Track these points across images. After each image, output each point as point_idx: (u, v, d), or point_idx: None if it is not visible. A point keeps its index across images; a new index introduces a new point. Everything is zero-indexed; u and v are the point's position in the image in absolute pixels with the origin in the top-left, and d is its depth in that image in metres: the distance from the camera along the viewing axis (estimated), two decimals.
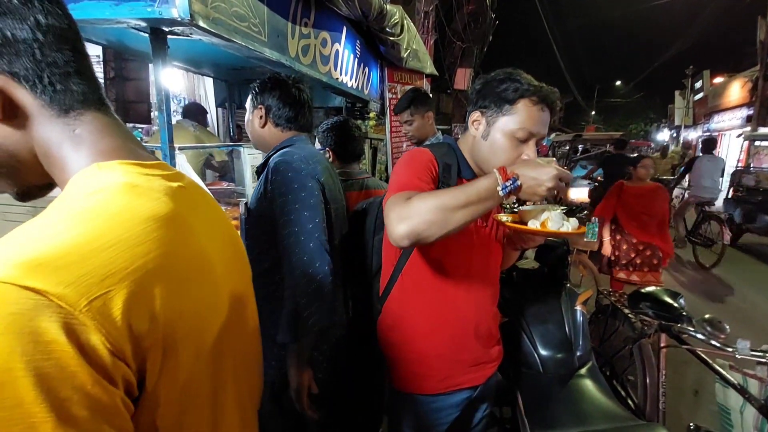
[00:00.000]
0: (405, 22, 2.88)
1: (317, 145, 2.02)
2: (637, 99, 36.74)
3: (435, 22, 7.54)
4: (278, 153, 1.24)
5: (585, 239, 3.60)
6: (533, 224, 0.98)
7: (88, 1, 1.02)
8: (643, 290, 2.18)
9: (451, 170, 1.07)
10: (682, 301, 2.00)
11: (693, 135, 9.86)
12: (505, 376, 1.62)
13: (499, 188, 0.88)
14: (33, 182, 0.49)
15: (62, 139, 0.45)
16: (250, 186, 1.89)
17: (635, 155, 5.16)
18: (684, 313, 1.88)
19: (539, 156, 1.01)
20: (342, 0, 1.80)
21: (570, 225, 0.96)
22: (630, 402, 2.05)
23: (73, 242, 0.36)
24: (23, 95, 0.43)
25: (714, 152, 6.57)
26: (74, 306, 0.33)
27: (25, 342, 0.31)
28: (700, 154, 6.51)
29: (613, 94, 41.58)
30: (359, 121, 3.38)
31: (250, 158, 1.79)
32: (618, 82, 42.30)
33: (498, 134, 1.01)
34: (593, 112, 39.99)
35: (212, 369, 0.49)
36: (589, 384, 1.52)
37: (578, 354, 1.63)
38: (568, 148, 10.51)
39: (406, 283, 1.13)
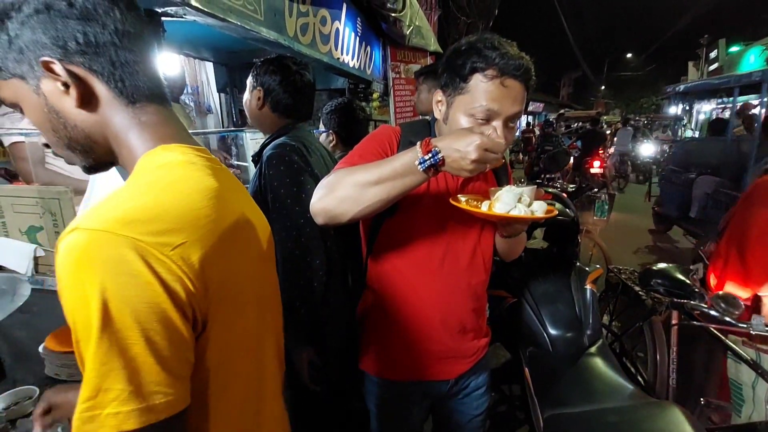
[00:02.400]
0: None
1: (321, 127, 1.98)
2: (648, 71, 35.68)
3: None
4: (272, 144, 1.23)
5: (594, 217, 3.53)
6: (485, 206, 0.85)
7: None
8: (654, 267, 2.15)
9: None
10: (694, 277, 1.97)
11: (707, 107, 9.73)
12: (514, 355, 1.63)
13: (417, 163, 0.77)
14: (101, 159, 0.57)
15: (131, 125, 0.53)
16: (253, 170, 1.88)
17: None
18: (696, 290, 1.85)
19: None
20: None
21: (524, 208, 0.82)
22: (640, 379, 2.05)
23: (153, 203, 0.45)
24: (100, 87, 0.51)
25: None
26: (161, 251, 0.42)
27: (123, 279, 0.40)
28: None
29: (624, 67, 40.41)
30: (363, 103, 3.33)
31: (252, 143, 1.76)
32: (629, 55, 41.06)
33: (456, 115, 0.90)
34: (603, 87, 39.03)
35: (258, 319, 0.59)
36: (598, 362, 1.52)
37: (588, 333, 1.62)
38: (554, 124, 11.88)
39: (372, 270, 1.07)
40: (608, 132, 11.51)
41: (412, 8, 2.96)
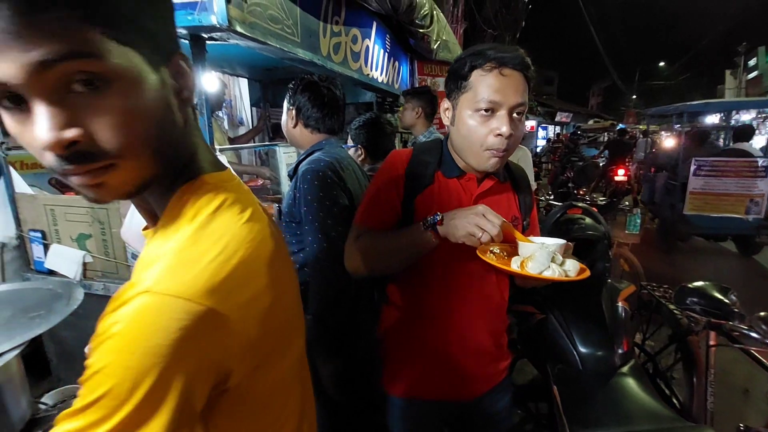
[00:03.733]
0: (435, 12, 2.83)
1: (349, 142, 2.04)
2: (682, 80, 34.48)
3: (465, 10, 7.37)
4: (307, 160, 1.28)
5: (626, 231, 3.42)
6: (515, 263, 0.85)
7: None
8: (690, 285, 2.07)
9: (427, 168, 1.00)
10: (733, 296, 1.89)
11: (746, 117, 9.51)
12: (542, 372, 1.60)
13: (420, 224, 0.87)
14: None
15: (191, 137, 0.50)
16: (285, 183, 1.94)
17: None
18: (736, 310, 1.77)
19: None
20: None
21: (558, 268, 0.81)
22: (675, 402, 1.97)
23: (221, 269, 0.42)
24: None
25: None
26: (232, 324, 0.41)
27: (188, 361, 0.38)
28: None
29: (656, 76, 39.21)
30: (389, 115, 3.39)
31: (285, 156, 1.83)
32: (661, 63, 39.84)
33: (462, 114, 0.93)
34: (634, 96, 37.95)
35: (298, 367, 0.58)
36: (631, 382, 1.47)
37: (620, 352, 1.58)
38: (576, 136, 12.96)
39: (393, 288, 1.10)
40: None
41: (440, 23, 3.01)
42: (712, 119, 7.95)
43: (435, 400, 1.09)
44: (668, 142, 6.60)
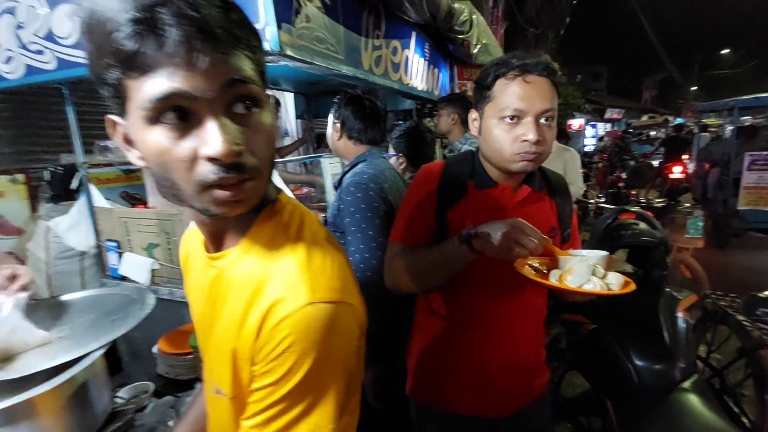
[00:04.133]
0: (474, 17, 2.82)
1: (390, 151, 2.08)
2: (750, 68, 31.51)
3: (505, 10, 7.23)
4: (351, 172, 1.34)
5: (687, 235, 3.20)
6: (554, 276, 0.82)
7: None
8: (761, 294, 1.91)
9: (459, 180, 1.00)
10: None
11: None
12: (593, 385, 1.54)
13: (456, 239, 0.86)
14: None
15: None
16: (330, 193, 2.02)
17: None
18: None
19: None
20: (410, 6, 1.84)
21: (600, 281, 0.77)
22: (745, 421, 1.81)
23: (340, 273, 0.53)
24: None
25: None
26: (359, 310, 0.53)
27: (352, 345, 0.52)
28: None
29: (719, 65, 36.13)
30: (428, 119, 3.41)
31: (329, 167, 1.91)
32: (724, 51, 36.67)
33: (488, 123, 0.94)
34: (694, 88, 35.21)
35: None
36: (693, 399, 1.39)
37: (680, 365, 1.49)
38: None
39: (429, 294, 1.08)
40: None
41: (479, 27, 2.99)
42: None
43: (471, 415, 1.05)
44: (720, 137, 6.46)
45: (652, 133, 14.45)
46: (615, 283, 0.79)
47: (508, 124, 0.90)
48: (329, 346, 0.48)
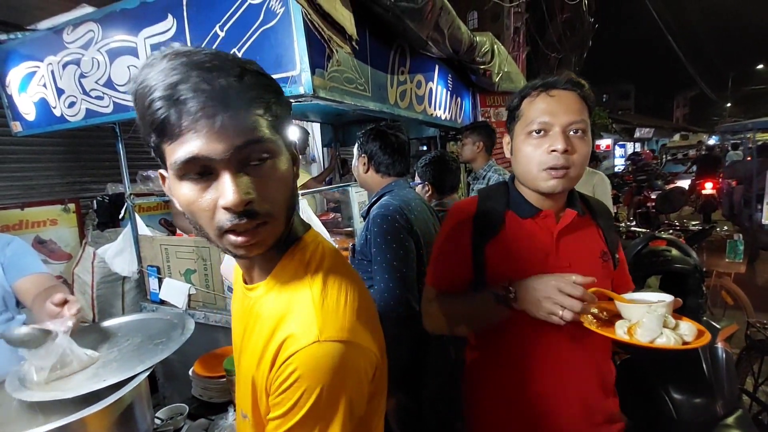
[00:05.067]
0: (495, 47, 2.90)
1: (416, 179, 2.14)
2: None
3: (526, 36, 7.34)
4: (378, 204, 1.39)
5: (727, 260, 3.06)
6: (620, 329, 0.76)
7: None
8: None
9: (493, 212, 0.97)
10: None
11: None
12: (630, 418, 1.48)
13: (491, 295, 0.85)
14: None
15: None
16: (357, 220, 2.08)
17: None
18: None
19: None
20: (434, 44, 1.93)
21: (673, 334, 0.71)
22: None
23: (349, 307, 0.56)
24: None
25: None
26: (373, 354, 0.55)
27: (359, 388, 0.53)
28: None
29: (755, 80, 34.84)
30: (451, 143, 3.46)
31: (357, 196, 1.98)
32: (760, 66, 35.41)
33: (518, 141, 0.94)
34: (728, 104, 33.99)
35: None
36: None
37: (722, 399, 1.42)
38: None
39: (472, 340, 1.03)
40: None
41: (500, 56, 3.06)
42: None
43: None
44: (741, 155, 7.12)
45: (691, 152, 14.25)
46: (689, 334, 0.73)
47: (535, 138, 0.90)
48: (334, 384, 0.50)
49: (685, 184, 7.93)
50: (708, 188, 7.10)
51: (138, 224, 2.00)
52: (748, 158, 6.06)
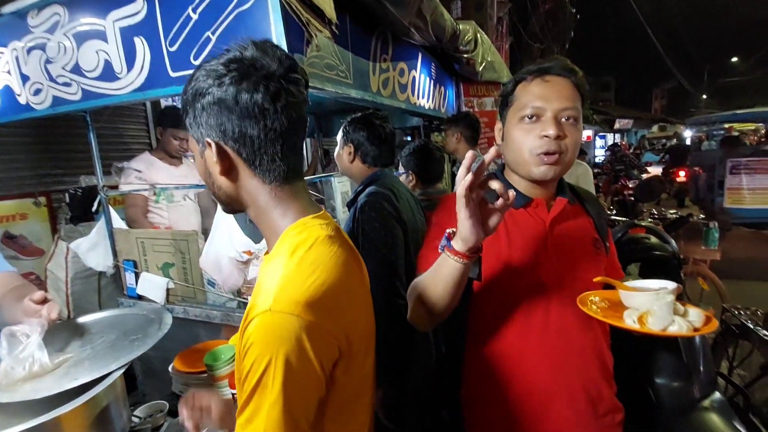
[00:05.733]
0: (478, 36, 2.88)
1: (400, 169, 2.12)
2: (761, 75, 31.18)
3: (509, 26, 7.34)
4: (365, 192, 1.37)
5: (703, 247, 3.18)
6: (629, 318, 0.74)
7: None
8: None
9: (487, 204, 0.89)
10: None
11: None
12: None
13: (438, 250, 0.78)
14: (237, 210, 0.72)
15: (269, 200, 0.67)
16: (340, 211, 2.05)
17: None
18: None
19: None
20: (416, 31, 1.89)
21: (684, 321, 0.70)
22: None
23: (319, 285, 0.60)
24: (241, 166, 0.65)
25: None
26: (324, 328, 0.58)
27: (297, 354, 0.55)
28: None
29: (729, 73, 35.85)
30: (435, 133, 3.45)
31: (339, 186, 1.95)
32: (734, 59, 36.40)
33: (510, 126, 0.93)
34: (704, 96, 34.92)
35: (370, 361, 0.73)
36: (714, 418, 1.35)
37: (699, 383, 1.45)
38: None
39: (470, 333, 0.98)
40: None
41: (484, 45, 3.04)
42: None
43: None
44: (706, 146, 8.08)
45: (672, 142, 15.52)
46: (697, 320, 0.73)
47: (528, 123, 0.89)
48: (280, 355, 0.54)
49: (657, 171, 8.53)
50: (681, 176, 7.81)
51: (113, 217, 1.93)
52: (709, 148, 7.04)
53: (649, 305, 0.74)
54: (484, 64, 3.10)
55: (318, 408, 0.60)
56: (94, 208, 1.98)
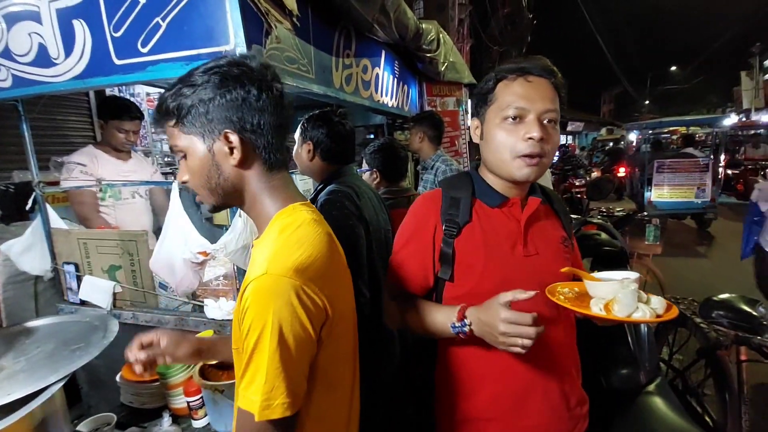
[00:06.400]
0: (441, 36, 2.91)
1: (364, 166, 2.10)
2: (696, 84, 33.99)
3: (470, 28, 7.51)
4: (326, 190, 1.34)
5: (647, 242, 3.39)
6: (596, 306, 0.78)
7: (164, 63, 1.17)
8: (716, 297, 2.03)
9: (460, 203, 0.94)
10: (762, 309, 1.84)
11: (767, 118, 9.87)
12: None
13: (449, 327, 0.86)
14: (228, 204, 0.77)
15: (265, 187, 0.74)
16: None
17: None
18: (765, 323, 1.73)
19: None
20: (380, 28, 1.88)
21: (648, 308, 0.74)
22: (707, 419, 1.91)
23: (308, 255, 0.67)
24: (255, 156, 0.72)
25: None
26: (313, 291, 0.64)
27: (289, 312, 0.62)
28: None
29: (669, 81, 38.76)
30: (398, 132, 3.46)
31: (301, 184, 1.90)
32: (673, 68, 39.40)
33: (490, 126, 0.91)
34: (647, 102, 37.53)
35: (353, 333, 0.81)
36: (658, 402, 1.45)
37: (645, 369, 1.55)
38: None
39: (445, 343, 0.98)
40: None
41: (446, 45, 3.09)
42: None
43: None
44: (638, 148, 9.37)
45: (622, 144, 16.92)
46: (659, 307, 0.76)
47: (511, 124, 0.87)
48: (275, 314, 0.60)
49: (597, 172, 10.17)
50: (621, 172, 9.15)
51: (51, 216, 1.77)
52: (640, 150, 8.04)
53: (614, 293, 0.76)
54: (446, 64, 3.15)
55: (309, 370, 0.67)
56: (28, 207, 1.81)
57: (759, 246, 2.94)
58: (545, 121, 0.88)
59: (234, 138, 0.68)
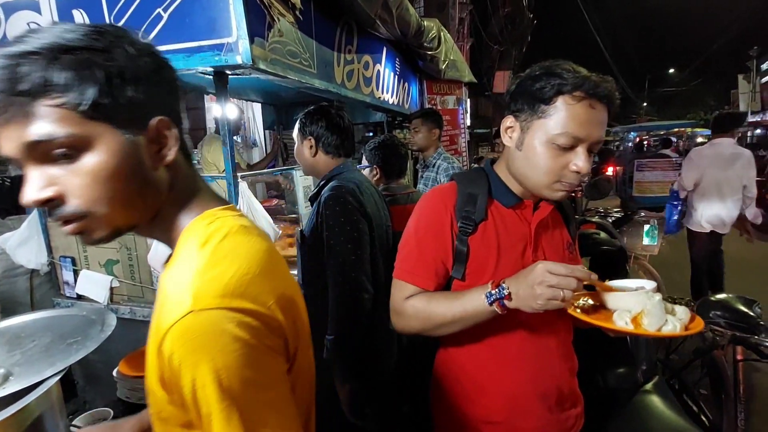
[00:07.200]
0: (442, 34, 2.91)
1: (364, 162, 2.09)
2: (694, 86, 34.17)
3: (470, 27, 7.50)
4: (328, 186, 1.33)
5: (644, 243, 3.39)
6: (621, 319, 0.72)
7: (165, 55, 1.15)
8: (712, 297, 2.03)
9: (477, 201, 0.89)
10: (758, 309, 1.85)
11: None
12: None
13: (484, 299, 0.78)
14: (140, 220, 0.55)
15: (179, 186, 0.56)
16: (302, 206, 2.00)
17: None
18: (762, 323, 1.74)
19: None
20: (382, 24, 1.87)
21: (676, 320, 0.69)
22: (703, 419, 1.92)
23: (244, 272, 0.49)
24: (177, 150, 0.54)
25: None
26: (260, 313, 0.47)
27: (232, 353, 0.44)
28: None
29: (667, 83, 38.95)
30: (397, 130, 3.46)
31: (302, 180, 1.89)
32: (671, 70, 39.59)
33: (534, 141, 0.82)
34: (645, 104, 37.69)
35: (309, 359, 0.62)
36: (655, 400, 1.45)
37: (642, 368, 1.56)
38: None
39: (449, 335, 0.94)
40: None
41: (447, 44, 3.08)
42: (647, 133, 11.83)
43: None
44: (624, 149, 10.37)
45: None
46: (685, 318, 0.72)
47: (559, 149, 0.80)
48: (218, 369, 0.43)
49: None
50: (609, 171, 9.83)
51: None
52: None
53: (641, 305, 0.71)
54: (447, 62, 3.14)
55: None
56: None
57: (687, 228, 3.60)
58: (590, 150, 0.82)
59: (172, 128, 0.53)
